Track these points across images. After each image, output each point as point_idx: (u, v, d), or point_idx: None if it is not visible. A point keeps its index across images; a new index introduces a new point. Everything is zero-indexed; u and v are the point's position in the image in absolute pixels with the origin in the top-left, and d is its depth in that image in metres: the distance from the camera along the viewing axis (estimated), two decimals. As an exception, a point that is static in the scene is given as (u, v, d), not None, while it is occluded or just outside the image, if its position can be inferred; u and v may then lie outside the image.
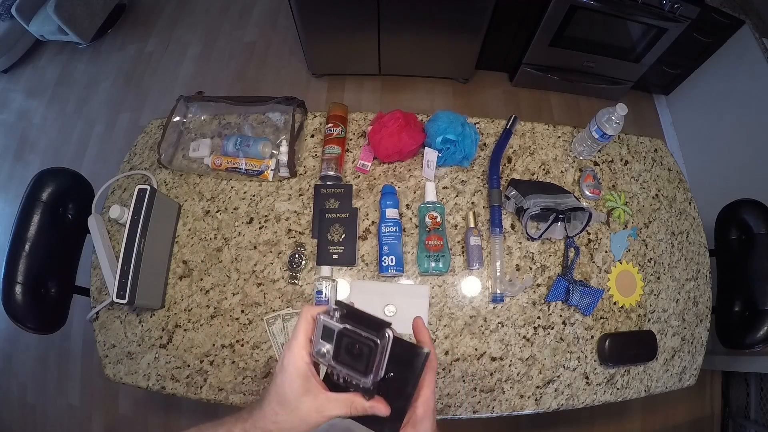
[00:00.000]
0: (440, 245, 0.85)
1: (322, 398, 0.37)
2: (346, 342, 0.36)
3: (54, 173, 0.98)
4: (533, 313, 0.88)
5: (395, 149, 0.93)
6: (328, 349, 0.37)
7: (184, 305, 0.89)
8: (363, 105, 2.06)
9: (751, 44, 1.60)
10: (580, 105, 2.12)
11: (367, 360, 0.35)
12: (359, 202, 0.95)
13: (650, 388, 0.88)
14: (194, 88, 1.10)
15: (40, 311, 0.90)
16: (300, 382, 0.37)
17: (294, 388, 0.37)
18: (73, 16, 2.16)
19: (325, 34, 1.82)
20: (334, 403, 0.38)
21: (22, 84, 2.41)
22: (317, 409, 0.37)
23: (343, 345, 0.36)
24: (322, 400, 0.37)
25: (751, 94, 1.63)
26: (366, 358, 0.35)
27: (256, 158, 0.95)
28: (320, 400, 0.37)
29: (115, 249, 0.92)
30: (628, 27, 1.66)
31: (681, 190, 1.04)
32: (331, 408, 0.37)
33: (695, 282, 0.97)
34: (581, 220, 0.87)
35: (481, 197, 0.96)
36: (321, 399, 0.37)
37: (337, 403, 0.37)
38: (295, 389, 0.37)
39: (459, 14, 1.65)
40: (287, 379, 0.37)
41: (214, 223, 0.94)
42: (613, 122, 0.89)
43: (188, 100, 1.02)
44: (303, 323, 0.39)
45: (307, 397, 0.37)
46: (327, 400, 0.37)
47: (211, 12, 2.41)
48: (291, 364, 0.38)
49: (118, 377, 0.86)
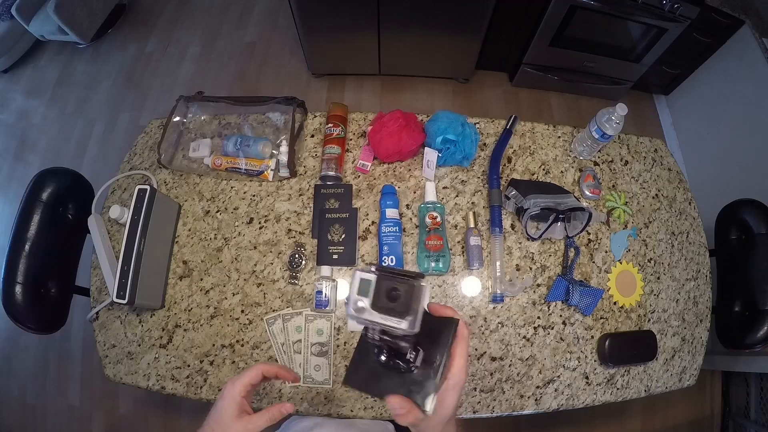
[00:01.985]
0: (440, 245, 0.85)
1: (247, 420, 0.49)
2: (385, 286, 0.38)
3: (54, 173, 0.98)
4: (533, 313, 0.88)
5: (395, 149, 0.93)
6: (365, 303, 0.38)
7: (184, 305, 0.89)
8: (363, 105, 2.06)
9: (751, 44, 1.60)
10: (580, 105, 2.12)
11: (406, 301, 0.37)
12: (359, 202, 0.95)
13: (650, 388, 0.88)
14: (194, 88, 1.10)
15: (40, 311, 0.90)
16: (234, 409, 0.49)
17: (230, 412, 0.49)
18: (73, 16, 2.16)
19: (325, 34, 1.82)
20: (257, 420, 0.49)
21: (22, 84, 2.41)
22: (245, 430, 0.48)
23: (382, 290, 0.38)
24: (248, 422, 0.49)
25: (751, 94, 1.63)
26: (405, 299, 0.37)
27: (256, 158, 0.95)
28: (246, 422, 0.49)
29: (115, 249, 0.92)
30: (628, 27, 1.66)
31: (681, 190, 1.04)
32: (255, 425, 0.49)
33: (695, 282, 0.97)
34: (581, 220, 0.87)
35: (481, 197, 0.96)
36: (247, 421, 0.49)
37: (260, 419, 0.49)
38: (230, 413, 0.49)
39: (459, 14, 1.65)
40: (226, 405, 0.49)
41: (214, 223, 0.94)
42: (613, 122, 0.89)
43: (188, 100, 1.02)
44: (253, 372, 0.51)
45: (237, 421, 0.48)
46: (251, 421, 0.49)
47: (211, 12, 2.41)
48: (230, 394, 0.49)
49: (118, 377, 0.86)
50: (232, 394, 0.49)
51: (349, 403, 0.82)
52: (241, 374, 0.51)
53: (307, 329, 0.85)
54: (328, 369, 0.83)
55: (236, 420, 0.48)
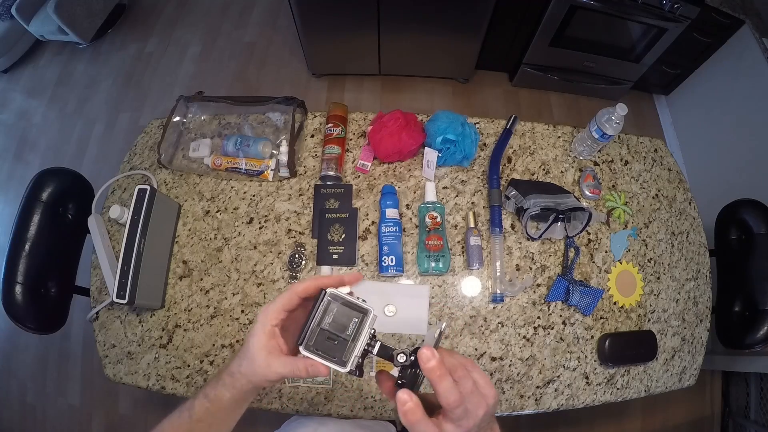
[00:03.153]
0: (440, 245, 0.85)
1: (274, 357, 0.42)
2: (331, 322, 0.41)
3: (54, 173, 0.98)
4: (533, 313, 0.88)
5: (395, 149, 0.93)
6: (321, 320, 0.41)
7: (184, 305, 0.89)
8: (363, 105, 2.06)
9: (751, 44, 1.59)
10: (580, 105, 2.12)
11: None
12: (359, 202, 0.95)
13: (650, 388, 0.88)
14: (194, 88, 1.10)
15: (40, 311, 0.90)
16: (263, 338, 0.42)
17: (256, 340, 0.42)
18: (73, 16, 2.16)
19: (325, 34, 1.82)
20: (282, 363, 0.42)
21: (22, 84, 2.40)
22: (268, 365, 0.42)
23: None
24: (274, 359, 0.42)
25: (751, 94, 1.63)
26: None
27: (256, 158, 0.95)
28: (272, 359, 0.42)
29: (115, 249, 0.92)
30: (628, 27, 1.66)
31: (681, 190, 1.04)
32: (277, 366, 0.42)
33: (695, 282, 0.97)
34: (581, 220, 0.87)
35: (481, 197, 0.96)
36: (273, 358, 0.42)
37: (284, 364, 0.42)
38: (256, 341, 0.42)
39: (459, 14, 1.65)
40: (254, 331, 0.43)
41: (214, 223, 0.94)
42: (613, 122, 0.89)
43: (188, 100, 1.02)
44: (286, 295, 0.44)
45: (263, 352, 0.42)
46: (278, 360, 0.42)
47: (211, 12, 2.41)
48: (260, 321, 0.43)
49: (118, 377, 0.86)
50: (261, 321, 0.43)
51: (349, 403, 0.82)
52: (275, 299, 0.44)
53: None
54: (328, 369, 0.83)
55: (262, 351, 0.42)
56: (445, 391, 0.33)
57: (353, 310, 0.41)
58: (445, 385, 0.33)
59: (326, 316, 0.41)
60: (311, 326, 0.40)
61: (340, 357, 0.40)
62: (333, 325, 0.40)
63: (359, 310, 0.41)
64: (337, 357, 0.40)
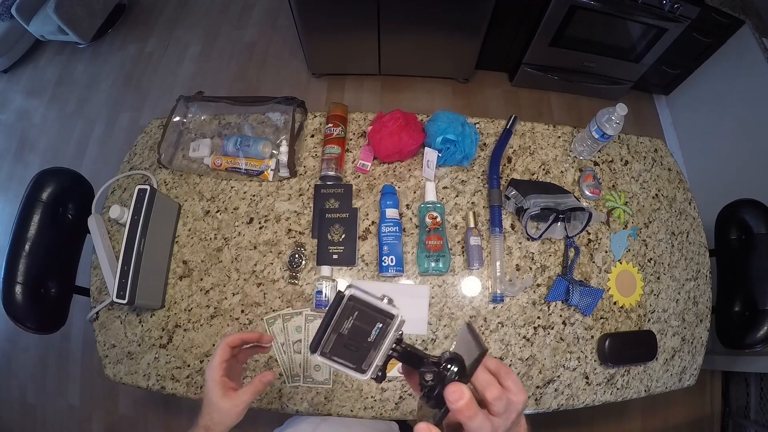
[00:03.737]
0: (440, 245, 0.85)
1: (233, 396, 0.53)
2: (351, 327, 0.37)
3: (54, 173, 0.98)
4: (533, 313, 0.88)
5: (395, 149, 0.93)
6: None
7: (184, 305, 0.89)
8: (363, 105, 2.06)
9: (751, 44, 1.59)
10: (580, 105, 2.12)
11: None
12: (359, 202, 0.95)
13: (650, 388, 0.88)
14: (194, 88, 1.10)
15: (40, 311, 0.90)
16: (218, 389, 0.52)
17: (215, 392, 0.52)
18: (73, 16, 2.16)
19: (325, 34, 1.82)
20: (242, 394, 0.53)
21: (22, 84, 2.41)
22: (233, 404, 0.53)
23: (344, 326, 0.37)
24: (234, 397, 0.53)
25: (751, 94, 1.63)
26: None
27: (256, 158, 0.95)
28: (233, 398, 0.53)
29: (115, 249, 0.92)
30: (628, 27, 1.66)
31: (681, 190, 1.04)
32: (242, 399, 0.53)
33: (695, 282, 0.97)
34: (581, 220, 0.87)
35: (481, 197, 0.96)
36: (233, 397, 0.53)
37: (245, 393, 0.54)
38: (216, 393, 0.52)
39: (459, 14, 1.65)
40: (210, 387, 0.53)
41: (214, 223, 0.94)
42: (613, 122, 0.89)
43: (188, 100, 1.02)
44: (219, 350, 0.54)
45: (224, 399, 0.52)
46: (237, 395, 0.53)
47: (211, 12, 2.41)
48: (210, 377, 0.53)
49: (118, 377, 0.86)
50: (211, 378, 0.53)
51: (349, 403, 0.82)
52: (212, 356, 0.55)
53: (307, 329, 0.85)
54: (328, 369, 0.83)
55: (223, 399, 0.52)
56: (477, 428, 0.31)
57: (377, 314, 0.36)
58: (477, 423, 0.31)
59: (345, 321, 0.36)
60: (328, 332, 0.37)
61: (359, 364, 0.37)
62: (353, 331, 0.36)
63: (384, 314, 0.36)
64: (357, 364, 0.37)
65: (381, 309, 0.36)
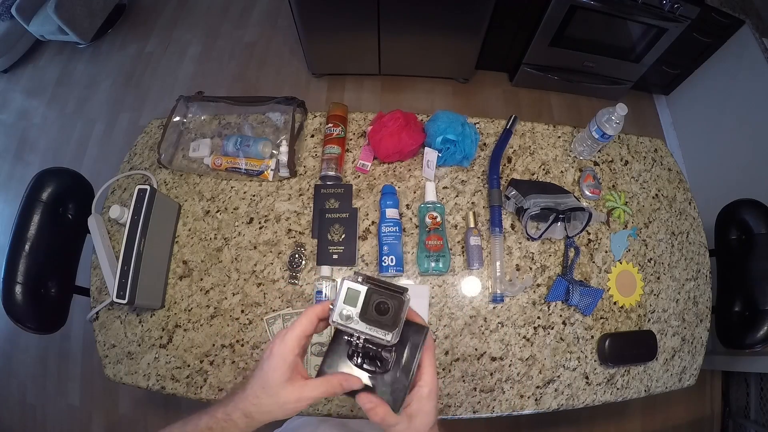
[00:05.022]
0: (440, 245, 0.85)
1: (302, 386, 0.39)
2: (375, 299, 0.39)
3: (54, 173, 0.98)
4: (533, 313, 0.88)
5: (395, 149, 0.93)
6: (351, 312, 0.39)
7: (184, 305, 0.89)
8: (363, 105, 2.06)
9: (751, 44, 1.60)
10: (580, 105, 2.12)
11: (395, 315, 0.39)
12: (359, 202, 0.95)
13: (650, 388, 0.88)
14: (194, 88, 1.10)
15: (40, 311, 0.90)
16: (285, 371, 0.39)
17: (278, 375, 0.39)
18: (73, 16, 2.16)
19: (325, 34, 1.82)
20: (314, 389, 0.39)
21: (22, 84, 2.41)
22: (298, 397, 0.39)
23: (371, 302, 0.39)
24: (303, 387, 0.39)
25: (751, 94, 1.63)
26: (394, 313, 0.39)
27: (256, 158, 0.95)
28: (300, 388, 0.39)
29: (115, 249, 0.92)
30: (628, 27, 1.66)
31: (681, 190, 1.04)
32: (311, 394, 0.39)
33: (695, 282, 0.97)
34: (581, 220, 0.87)
35: (481, 197, 0.96)
36: (301, 387, 0.39)
37: (317, 388, 0.39)
38: (279, 376, 0.39)
39: (459, 14, 1.65)
40: (274, 365, 0.39)
41: (214, 223, 0.94)
42: (613, 122, 0.89)
43: (188, 100, 1.02)
44: (304, 320, 0.41)
45: (288, 385, 0.39)
46: (307, 387, 0.39)
47: (211, 12, 2.41)
48: (280, 353, 0.39)
49: (118, 377, 0.86)
50: (282, 352, 0.39)
51: (350, 402, 0.82)
52: (292, 325, 0.41)
53: (307, 329, 0.85)
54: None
55: (287, 384, 0.39)
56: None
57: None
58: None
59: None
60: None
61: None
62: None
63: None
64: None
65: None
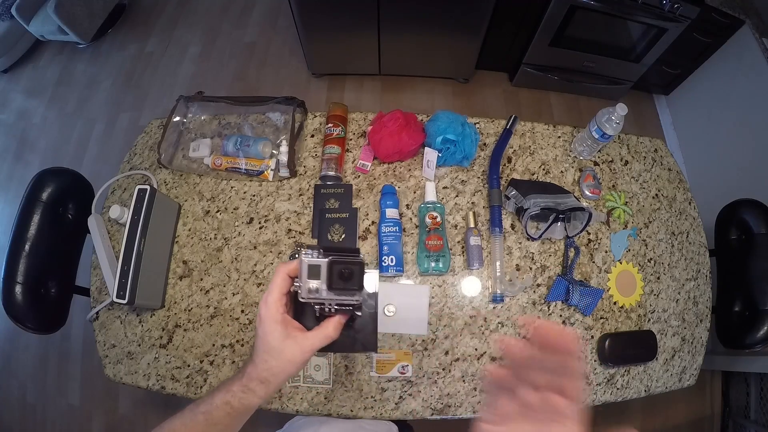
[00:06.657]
0: (440, 245, 0.85)
1: (301, 338, 0.42)
2: (338, 268, 0.42)
3: (54, 173, 0.98)
4: (533, 313, 0.88)
5: (395, 149, 0.93)
6: (317, 285, 0.42)
7: (184, 305, 0.89)
8: (363, 105, 2.06)
9: (751, 44, 1.59)
10: (580, 105, 2.12)
11: (359, 277, 0.42)
12: (359, 202, 0.95)
13: (650, 388, 0.88)
14: (194, 88, 1.10)
15: (40, 311, 0.90)
16: (280, 329, 0.42)
17: (276, 335, 0.42)
18: (73, 16, 2.16)
19: (325, 34, 1.82)
20: (312, 338, 0.43)
21: (22, 84, 2.41)
22: (301, 350, 0.42)
23: (335, 273, 0.42)
24: (302, 339, 0.42)
25: (751, 94, 1.63)
26: (358, 276, 0.42)
27: (256, 158, 0.95)
28: (300, 340, 0.42)
29: (115, 249, 0.92)
30: (628, 27, 1.66)
31: (681, 190, 1.04)
32: (311, 343, 0.43)
33: (695, 282, 0.97)
34: (581, 220, 0.87)
35: (481, 197, 0.96)
36: (301, 339, 0.42)
37: (315, 337, 0.43)
38: (276, 336, 0.42)
39: (459, 14, 1.65)
40: (268, 329, 0.42)
41: (214, 223, 0.94)
42: (613, 122, 0.89)
43: (188, 100, 1.02)
44: (278, 280, 0.44)
45: (289, 341, 0.42)
46: (306, 338, 0.43)
47: (211, 12, 2.41)
48: (269, 316, 0.42)
49: (118, 377, 0.86)
50: (268, 316, 0.42)
51: (349, 402, 0.82)
52: (269, 288, 0.44)
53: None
54: (328, 369, 0.83)
55: (287, 341, 0.42)
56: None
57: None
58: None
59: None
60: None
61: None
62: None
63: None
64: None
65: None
